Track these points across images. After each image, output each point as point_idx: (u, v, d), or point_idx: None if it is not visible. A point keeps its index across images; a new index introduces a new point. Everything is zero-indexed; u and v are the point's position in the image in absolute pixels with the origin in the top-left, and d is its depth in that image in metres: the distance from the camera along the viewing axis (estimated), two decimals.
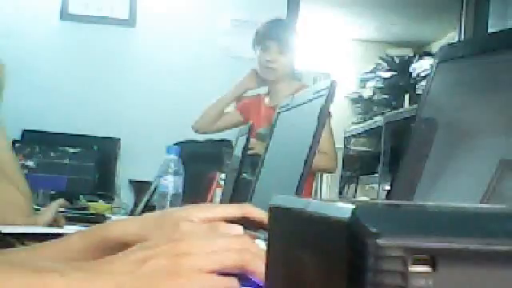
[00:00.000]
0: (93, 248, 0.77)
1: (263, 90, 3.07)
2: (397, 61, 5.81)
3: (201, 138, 3.25)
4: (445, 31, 6.16)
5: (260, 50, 2.91)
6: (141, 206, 2.12)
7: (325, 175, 5.80)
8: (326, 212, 0.33)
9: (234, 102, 3.09)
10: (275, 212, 0.42)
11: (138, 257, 0.57)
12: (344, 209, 0.31)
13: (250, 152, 2.13)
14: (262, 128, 2.72)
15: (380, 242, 0.29)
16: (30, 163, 3.57)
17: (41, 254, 0.78)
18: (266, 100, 3.00)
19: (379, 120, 5.09)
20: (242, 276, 0.59)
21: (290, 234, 0.39)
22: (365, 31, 6.77)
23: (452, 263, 0.30)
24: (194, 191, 2.15)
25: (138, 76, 4.11)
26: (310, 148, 0.94)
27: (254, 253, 0.59)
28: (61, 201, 1.81)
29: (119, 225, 0.80)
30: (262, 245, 0.65)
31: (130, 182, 3.84)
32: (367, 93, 6.24)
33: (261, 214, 0.79)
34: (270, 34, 2.89)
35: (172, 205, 1.79)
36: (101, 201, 3.10)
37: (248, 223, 0.79)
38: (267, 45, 2.87)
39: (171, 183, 1.82)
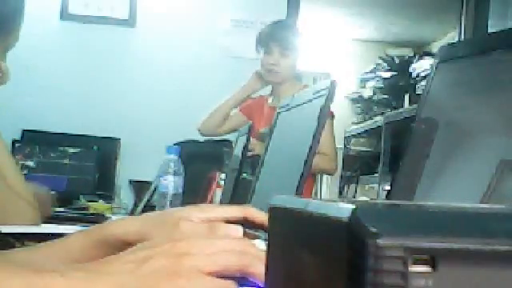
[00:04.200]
0: (93, 247, 0.77)
1: (266, 90, 3.07)
2: (397, 61, 5.81)
3: (201, 138, 3.25)
4: (445, 31, 6.16)
5: (263, 53, 2.91)
6: (141, 205, 2.12)
7: (325, 175, 5.80)
8: (326, 212, 0.33)
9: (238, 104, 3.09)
10: (275, 212, 0.42)
11: (138, 257, 0.57)
12: (344, 209, 0.31)
13: (250, 153, 2.13)
14: (264, 129, 2.72)
15: (380, 242, 0.29)
16: (30, 163, 3.57)
17: (42, 254, 0.78)
18: (270, 100, 3.00)
19: (379, 120, 5.09)
20: (242, 277, 0.59)
21: (289, 233, 0.39)
22: (365, 31, 6.77)
23: (452, 263, 0.30)
24: (193, 191, 2.15)
25: (138, 76, 4.11)
26: (310, 148, 0.94)
27: (254, 255, 0.59)
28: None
29: (119, 224, 0.80)
30: (261, 245, 0.65)
31: (130, 182, 3.84)
32: (367, 93, 6.24)
33: (262, 216, 0.79)
34: (273, 37, 2.89)
35: (172, 205, 1.79)
36: (101, 201, 3.10)
37: (248, 224, 0.79)
38: (270, 47, 2.87)
39: (171, 183, 1.81)
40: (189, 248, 0.58)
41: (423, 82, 4.87)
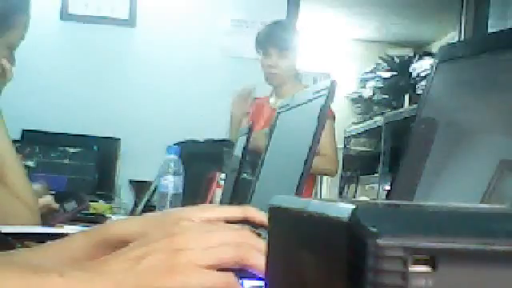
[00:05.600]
0: (95, 248, 0.77)
1: (268, 91, 3.06)
2: (397, 61, 5.81)
3: (201, 137, 3.25)
4: (445, 31, 6.16)
5: (262, 55, 2.91)
6: (141, 206, 2.12)
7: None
8: (326, 212, 0.33)
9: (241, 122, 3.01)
10: (275, 212, 0.42)
11: (135, 254, 0.58)
12: (344, 209, 0.31)
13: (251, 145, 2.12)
14: (265, 129, 2.71)
15: (380, 242, 0.29)
16: (30, 163, 3.57)
17: (43, 255, 0.78)
18: (272, 101, 3.00)
19: (379, 120, 5.09)
20: (242, 268, 0.59)
21: (289, 234, 0.39)
22: (365, 31, 6.77)
23: (452, 263, 0.30)
24: (193, 191, 2.15)
25: (138, 76, 4.11)
26: (310, 148, 0.94)
27: (252, 245, 0.59)
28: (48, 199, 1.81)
29: (121, 224, 0.80)
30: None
31: (130, 182, 3.84)
32: (367, 93, 6.24)
33: (261, 216, 0.79)
34: (270, 38, 2.89)
35: (172, 205, 1.79)
36: (101, 201, 3.09)
37: (249, 224, 0.79)
38: (268, 49, 2.87)
39: (171, 183, 1.82)
40: (185, 242, 0.58)
41: (423, 82, 4.86)
